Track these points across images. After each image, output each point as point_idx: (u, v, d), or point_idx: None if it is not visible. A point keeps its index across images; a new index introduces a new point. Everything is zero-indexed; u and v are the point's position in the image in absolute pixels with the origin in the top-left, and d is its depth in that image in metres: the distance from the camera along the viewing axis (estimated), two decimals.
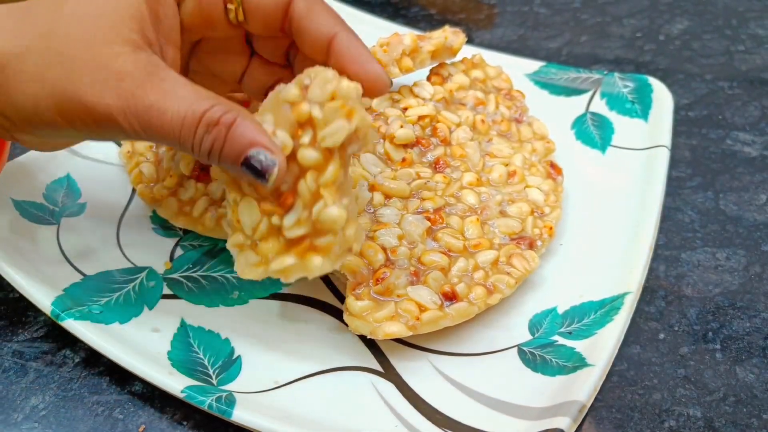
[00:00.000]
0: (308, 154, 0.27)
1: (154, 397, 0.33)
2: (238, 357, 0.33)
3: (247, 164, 0.27)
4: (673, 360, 0.34)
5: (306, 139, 0.27)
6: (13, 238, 0.37)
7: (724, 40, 0.55)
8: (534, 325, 0.35)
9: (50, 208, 0.40)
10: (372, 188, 0.36)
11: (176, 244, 0.39)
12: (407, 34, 0.42)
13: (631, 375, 0.33)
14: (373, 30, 0.46)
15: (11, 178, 0.40)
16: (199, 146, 0.27)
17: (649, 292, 0.37)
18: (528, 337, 0.34)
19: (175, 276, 0.37)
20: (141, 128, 0.27)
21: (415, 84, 0.42)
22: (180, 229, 0.40)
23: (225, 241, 0.39)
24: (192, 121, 0.26)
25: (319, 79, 0.28)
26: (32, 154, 0.42)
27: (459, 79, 0.43)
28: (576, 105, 0.47)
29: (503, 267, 0.35)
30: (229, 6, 0.31)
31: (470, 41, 0.53)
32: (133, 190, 0.41)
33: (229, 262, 0.38)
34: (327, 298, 0.36)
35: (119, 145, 0.44)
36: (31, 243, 0.37)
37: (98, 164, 0.43)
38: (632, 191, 0.41)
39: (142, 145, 0.41)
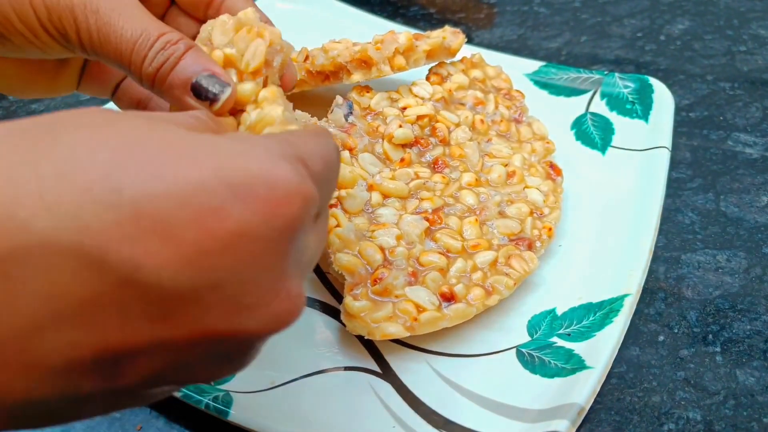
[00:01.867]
0: (245, 87, 0.27)
1: None
2: None
3: (197, 87, 0.27)
4: (673, 362, 0.34)
5: (233, 76, 0.28)
6: None
7: (725, 40, 0.55)
8: (532, 327, 0.35)
9: None
10: (370, 188, 0.36)
11: None
12: (403, 32, 0.41)
13: (630, 377, 0.33)
14: (371, 29, 0.46)
15: None
16: (151, 61, 0.27)
17: (648, 293, 0.37)
18: (526, 338, 0.34)
19: None
20: (96, 27, 0.26)
21: (414, 83, 0.41)
22: None
23: None
24: (151, 34, 0.27)
25: (217, 25, 0.28)
26: None
27: (458, 79, 0.42)
28: (576, 105, 0.47)
29: (502, 268, 0.35)
30: None
31: (470, 41, 0.53)
32: None
33: None
34: (325, 298, 0.36)
35: None
36: None
37: None
38: (632, 192, 0.40)
39: None
